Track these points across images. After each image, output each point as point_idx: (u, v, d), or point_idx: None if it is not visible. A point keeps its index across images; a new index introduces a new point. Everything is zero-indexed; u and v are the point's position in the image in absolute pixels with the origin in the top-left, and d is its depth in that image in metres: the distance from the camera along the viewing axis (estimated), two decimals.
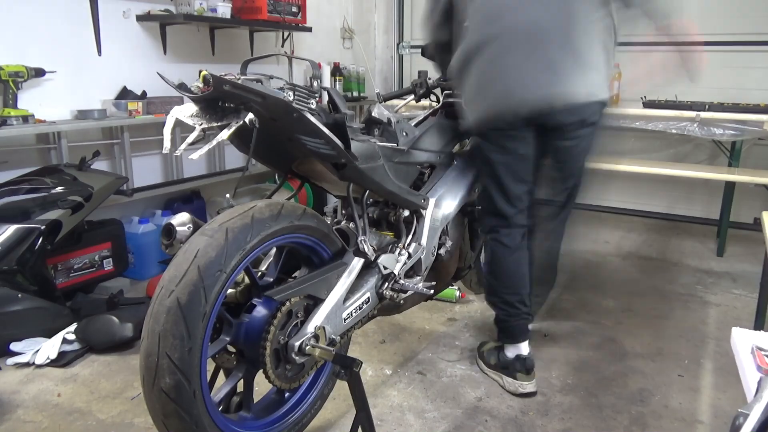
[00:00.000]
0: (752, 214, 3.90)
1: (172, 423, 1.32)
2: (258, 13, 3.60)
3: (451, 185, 2.20)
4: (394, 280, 1.89)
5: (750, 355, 1.07)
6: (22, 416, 1.94)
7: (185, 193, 3.66)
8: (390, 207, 2.05)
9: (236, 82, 1.38)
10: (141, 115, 3.04)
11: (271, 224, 1.46)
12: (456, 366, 2.28)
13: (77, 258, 2.73)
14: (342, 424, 1.89)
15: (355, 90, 4.72)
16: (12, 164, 2.76)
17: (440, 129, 2.15)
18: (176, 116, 1.44)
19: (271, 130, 1.50)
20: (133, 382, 2.13)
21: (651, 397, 2.09)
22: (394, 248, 1.95)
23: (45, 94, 2.84)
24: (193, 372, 1.31)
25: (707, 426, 1.94)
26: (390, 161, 1.84)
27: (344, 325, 1.71)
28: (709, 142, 3.82)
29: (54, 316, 2.42)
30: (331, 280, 1.68)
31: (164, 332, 1.28)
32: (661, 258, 3.60)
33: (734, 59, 3.88)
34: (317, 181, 1.85)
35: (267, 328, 1.50)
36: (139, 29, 3.26)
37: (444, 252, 2.16)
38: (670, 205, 4.28)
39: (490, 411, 1.99)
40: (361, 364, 1.57)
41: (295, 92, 1.46)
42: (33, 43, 2.77)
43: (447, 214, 2.15)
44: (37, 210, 2.42)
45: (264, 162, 1.81)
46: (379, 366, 2.27)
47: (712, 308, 2.86)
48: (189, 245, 1.35)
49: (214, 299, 1.34)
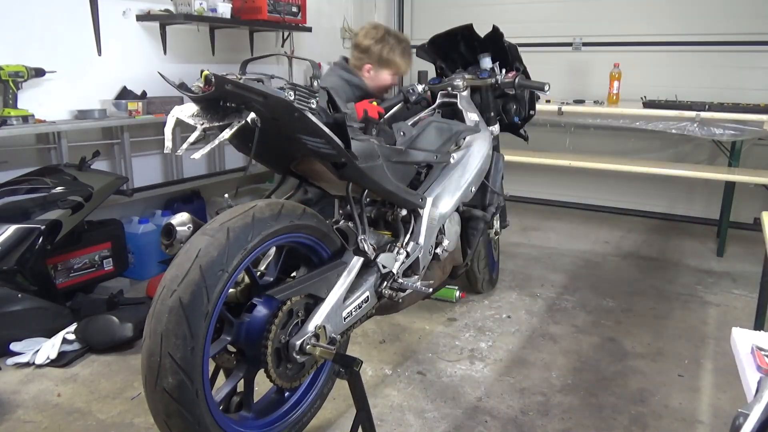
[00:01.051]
0: (752, 214, 3.90)
1: (174, 423, 1.32)
2: (258, 13, 3.60)
3: (448, 184, 2.22)
4: (392, 279, 1.90)
5: (750, 355, 1.07)
6: (22, 416, 1.94)
7: (185, 193, 3.66)
8: (387, 206, 2.06)
9: (238, 81, 1.38)
10: (141, 115, 3.04)
11: (271, 223, 1.46)
12: (456, 366, 2.28)
13: (77, 258, 2.73)
14: (342, 423, 1.89)
15: None
16: (12, 164, 2.76)
17: (437, 129, 2.17)
18: (177, 116, 1.44)
19: (272, 129, 1.50)
20: (134, 382, 2.13)
21: (651, 397, 2.10)
22: (392, 247, 1.96)
23: (45, 94, 2.84)
24: (195, 372, 1.31)
25: (707, 426, 1.94)
26: (388, 161, 1.84)
27: (344, 324, 1.72)
28: (709, 142, 3.83)
29: (54, 316, 2.42)
30: (331, 279, 1.68)
31: (166, 332, 1.28)
32: (661, 258, 3.60)
33: (734, 59, 3.88)
34: (315, 180, 1.85)
35: (268, 327, 1.50)
36: (139, 29, 3.26)
37: (441, 251, 2.18)
38: (670, 205, 4.28)
39: (490, 411, 1.99)
40: (361, 363, 1.57)
41: (296, 92, 1.46)
42: (33, 43, 2.77)
43: (444, 213, 2.16)
44: (37, 210, 2.42)
45: (262, 162, 1.81)
46: (379, 366, 2.27)
47: (712, 308, 2.86)
48: (190, 245, 1.36)
49: (216, 299, 1.34)
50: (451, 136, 2.24)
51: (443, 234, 2.19)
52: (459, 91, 2.47)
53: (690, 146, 4.07)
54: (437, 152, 2.15)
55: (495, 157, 2.55)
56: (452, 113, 2.45)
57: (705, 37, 3.93)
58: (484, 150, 2.39)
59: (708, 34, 3.91)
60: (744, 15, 3.79)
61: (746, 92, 3.76)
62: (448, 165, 2.26)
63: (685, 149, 4.11)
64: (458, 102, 2.44)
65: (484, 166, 2.40)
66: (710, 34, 3.91)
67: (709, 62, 3.96)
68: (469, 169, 2.30)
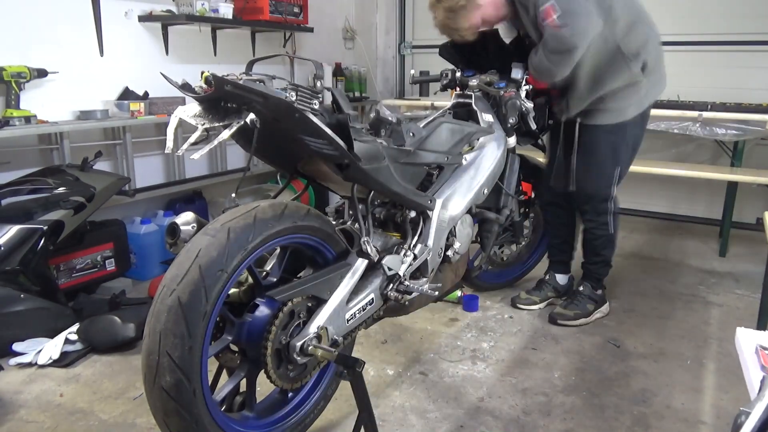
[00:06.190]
0: (755, 214, 3.90)
1: (172, 421, 1.32)
2: (260, 14, 3.60)
3: (459, 186, 2.17)
4: (399, 282, 1.88)
5: (754, 355, 1.07)
6: (24, 416, 1.95)
7: (187, 194, 3.66)
8: (397, 208, 2.03)
9: (237, 82, 1.38)
10: (143, 116, 3.04)
11: (273, 224, 1.46)
12: (458, 366, 2.28)
13: (79, 258, 2.73)
14: (344, 424, 1.89)
15: (356, 90, 4.72)
16: (14, 165, 2.76)
17: (448, 130, 2.12)
18: (179, 116, 1.45)
19: (275, 130, 1.50)
20: (136, 383, 2.13)
21: (653, 397, 2.09)
22: (399, 249, 1.93)
23: (47, 94, 2.85)
24: (193, 371, 1.31)
25: (710, 426, 1.93)
26: (396, 162, 1.82)
27: (347, 326, 1.71)
28: (711, 142, 3.82)
29: (56, 316, 2.42)
30: (334, 280, 1.68)
31: (165, 331, 1.28)
32: (663, 258, 3.60)
33: (737, 59, 3.88)
34: (323, 181, 1.85)
35: (268, 328, 1.50)
36: (141, 30, 3.27)
37: (452, 253, 2.14)
38: (673, 205, 4.27)
39: (492, 411, 1.99)
40: (363, 364, 1.56)
41: (298, 92, 1.46)
42: (35, 44, 2.78)
43: (454, 215, 2.12)
44: (39, 210, 2.42)
45: (269, 162, 1.81)
46: (382, 366, 2.27)
47: (714, 308, 2.86)
48: (191, 245, 1.36)
49: (215, 299, 1.34)
50: (463, 137, 2.19)
51: (454, 236, 2.15)
52: (473, 92, 2.41)
53: (692, 146, 4.06)
54: (448, 153, 2.11)
55: (510, 159, 2.48)
56: (467, 114, 2.41)
57: (707, 37, 3.93)
58: (497, 151, 2.34)
59: (710, 34, 3.91)
60: (747, 15, 3.79)
61: (749, 92, 3.75)
62: (460, 166, 2.21)
63: (687, 149, 4.10)
64: (473, 102, 2.39)
65: (498, 167, 2.34)
66: (712, 33, 3.90)
67: (711, 62, 3.95)
68: (482, 170, 2.25)
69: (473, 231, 2.34)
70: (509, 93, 2.37)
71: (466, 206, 2.18)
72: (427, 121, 2.10)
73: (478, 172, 2.25)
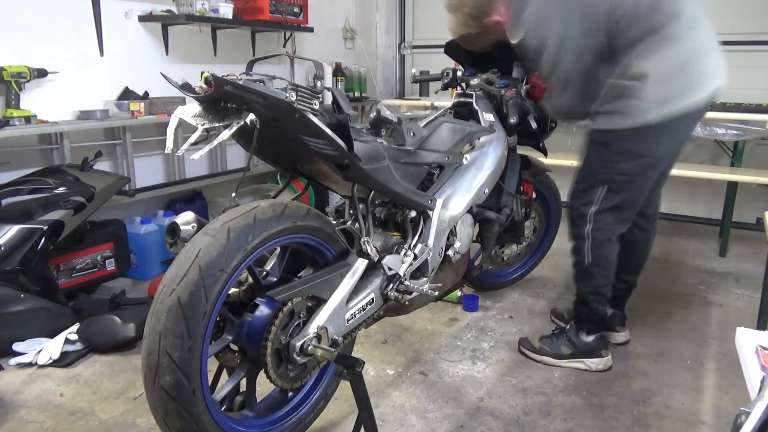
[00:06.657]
0: (755, 214, 3.89)
1: (172, 421, 1.33)
2: (260, 14, 3.60)
3: (459, 186, 2.18)
4: (399, 281, 1.88)
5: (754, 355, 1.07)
6: (24, 416, 1.95)
7: (187, 194, 3.66)
8: (397, 207, 2.03)
9: (237, 82, 1.38)
10: (143, 116, 3.04)
11: (273, 224, 1.46)
12: (458, 366, 2.28)
13: (79, 258, 2.73)
14: (344, 424, 1.89)
15: (356, 90, 4.71)
16: (14, 165, 2.76)
17: (449, 129, 2.13)
18: (180, 116, 1.45)
19: (275, 130, 1.50)
20: (136, 383, 2.13)
21: (653, 397, 2.09)
22: (399, 249, 1.94)
23: (47, 94, 2.84)
24: (192, 371, 1.31)
25: (710, 426, 1.93)
26: (396, 162, 1.83)
27: (347, 326, 1.71)
28: (711, 142, 3.82)
29: (56, 316, 2.43)
30: (334, 280, 1.68)
31: (165, 331, 1.28)
32: (663, 258, 3.60)
33: (737, 59, 3.86)
34: (323, 180, 1.85)
35: (268, 328, 1.50)
36: (141, 30, 3.27)
37: (452, 253, 2.15)
38: (673, 205, 4.27)
39: (492, 411, 1.99)
40: (363, 364, 1.56)
41: (298, 93, 1.46)
42: (35, 44, 2.77)
43: (455, 214, 2.13)
44: (39, 210, 2.42)
45: (269, 161, 1.81)
46: (381, 366, 2.27)
47: (714, 308, 2.86)
48: (191, 245, 1.36)
49: (215, 298, 1.34)
50: (464, 136, 2.19)
51: (455, 236, 2.16)
52: (474, 91, 2.42)
53: (692, 146, 4.06)
54: (449, 153, 2.11)
55: (511, 158, 2.48)
56: (468, 113, 2.41)
57: None
58: (498, 151, 2.34)
59: None
60: (747, 14, 3.78)
61: (749, 92, 3.74)
62: (461, 166, 2.22)
63: (687, 149, 4.09)
64: (474, 102, 2.39)
65: (499, 167, 2.34)
66: None
67: None
68: (483, 170, 2.26)
69: (474, 231, 2.34)
70: (510, 92, 2.37)
71: (466, 206, 2.18)
72: (427, 120, 2.10)
73: (478, 172, 2.25)
